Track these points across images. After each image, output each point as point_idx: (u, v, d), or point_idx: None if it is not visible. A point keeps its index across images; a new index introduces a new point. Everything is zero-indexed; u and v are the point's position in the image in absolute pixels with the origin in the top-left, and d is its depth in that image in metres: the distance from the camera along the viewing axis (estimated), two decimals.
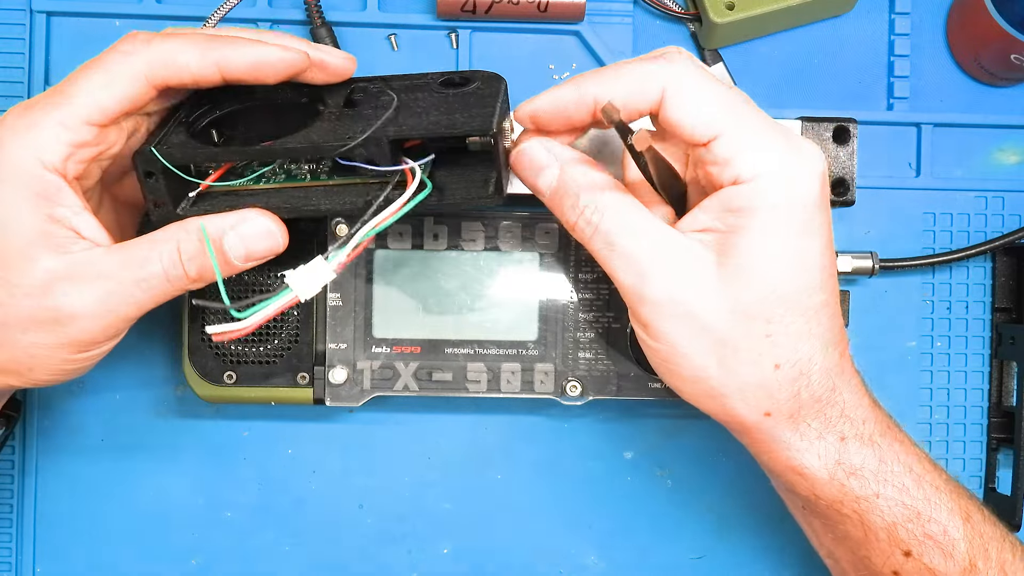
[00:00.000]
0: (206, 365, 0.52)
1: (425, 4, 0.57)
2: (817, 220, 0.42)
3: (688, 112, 0.42)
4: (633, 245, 0.42)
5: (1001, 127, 0.58)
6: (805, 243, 0.42)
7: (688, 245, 0.42)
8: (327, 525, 0.57)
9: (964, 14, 0.57)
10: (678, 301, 0.42)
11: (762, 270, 0.42)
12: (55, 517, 0.57)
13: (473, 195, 0.45)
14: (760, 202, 0.41)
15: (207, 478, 0.57)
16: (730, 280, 0.42)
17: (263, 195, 0.45)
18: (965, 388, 0.58)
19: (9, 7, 0.55)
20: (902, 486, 0.45)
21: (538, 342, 0.53)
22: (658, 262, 0.42)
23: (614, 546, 0.58)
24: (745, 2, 0.55)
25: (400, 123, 0.43)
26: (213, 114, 0.46)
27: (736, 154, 0.41)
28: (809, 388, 0.44)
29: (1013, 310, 0.58)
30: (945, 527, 0.45)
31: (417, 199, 0.43)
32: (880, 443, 0.45)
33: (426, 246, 0.53)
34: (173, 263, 0.43)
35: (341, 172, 0.46)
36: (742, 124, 0.42)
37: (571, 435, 0.58)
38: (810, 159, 0.42)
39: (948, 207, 0.58)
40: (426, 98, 0.45)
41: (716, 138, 0.42)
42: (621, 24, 0.57)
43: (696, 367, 0.43)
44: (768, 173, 0.41)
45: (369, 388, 0.53)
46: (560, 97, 0.43)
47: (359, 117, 0.44)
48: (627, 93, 0.42)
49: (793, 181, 0.42)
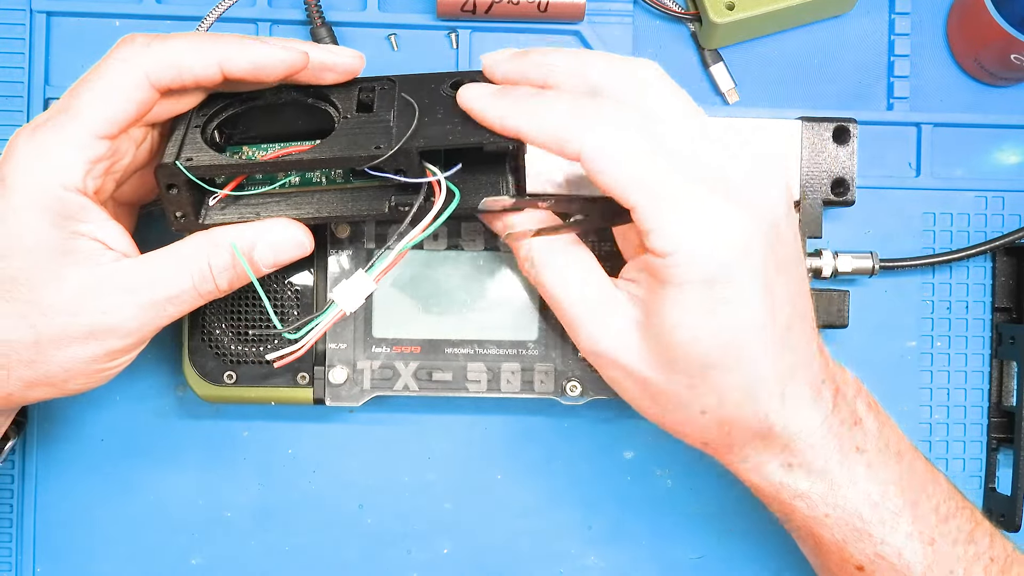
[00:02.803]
0: (206, 365, 0.52)
1: (425, 4, 0.57)
2: (733, 292, 0.41)
3: (602, 184, 0.41)
4: (563, 295, 0.45)
5: (1001, 127, 0.58)
6: (718, 319, 0.42)
7: (615, 301, 0.44)
8: (327, 525, 0.57)
9: (964, 14, 0.57)
10: (601, 352, 0.45)
11: (677, 339, 0.42)
12: (55, 518, 0.56)
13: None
14: (671, 278, 0.41)
15: (207, 478, 0.57)
16: (651, 338, 0.43)
17: (283, 201, 0.46)
18: (965, 388, 0.58)
19: (9, 7, 0.55)
20: (854, 511, 0.46)
21: (538, 342, 0.53)
22: (584, 315, 0.45)
23: (614, 546, 0.58)
24: (745, 2, 0.55)
25: (426, 133, 0.43)
26: (221, 117, 0.46)
27: (652, 228, 0.41)
28: (741, 431, 0.45)
29: (1013, 310, 0.58)
30: (900, 550, 0.46)
31: (449, 210, 0.44)
32: (834, 471, 0.45)
33: (426, 246, 0.53)
34: (204, 278, 0.44)
35: (357, 175, 0.46)
36: (660, 197, 0.40)
37: (571, 435, 0.58)
38: (731, 231, 0.41)
39: (948, 207, 0.58)
40: (442, 103, 0.46)
41: (633, 209, 0.41)
42: (621, 24, 0.57)
43: (634, 402, 0.47)
44: (680, 251, 0.40)
45: (369, 388, 0.53)
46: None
47: (379, 123, 0.45)
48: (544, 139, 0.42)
49: (707, 259, 0.40)
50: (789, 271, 0.43)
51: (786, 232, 0.43)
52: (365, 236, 0.52)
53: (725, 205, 0.41)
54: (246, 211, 0.45)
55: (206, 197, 0.45)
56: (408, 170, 0.43)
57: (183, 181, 0.43)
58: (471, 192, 0.45)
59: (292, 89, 0.47)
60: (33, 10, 0.55)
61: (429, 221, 0.44)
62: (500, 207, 0.45)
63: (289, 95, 0.47)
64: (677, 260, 0.40)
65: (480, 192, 0.45)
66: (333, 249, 0.52)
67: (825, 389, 0.45)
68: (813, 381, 0.45)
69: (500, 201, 0.45)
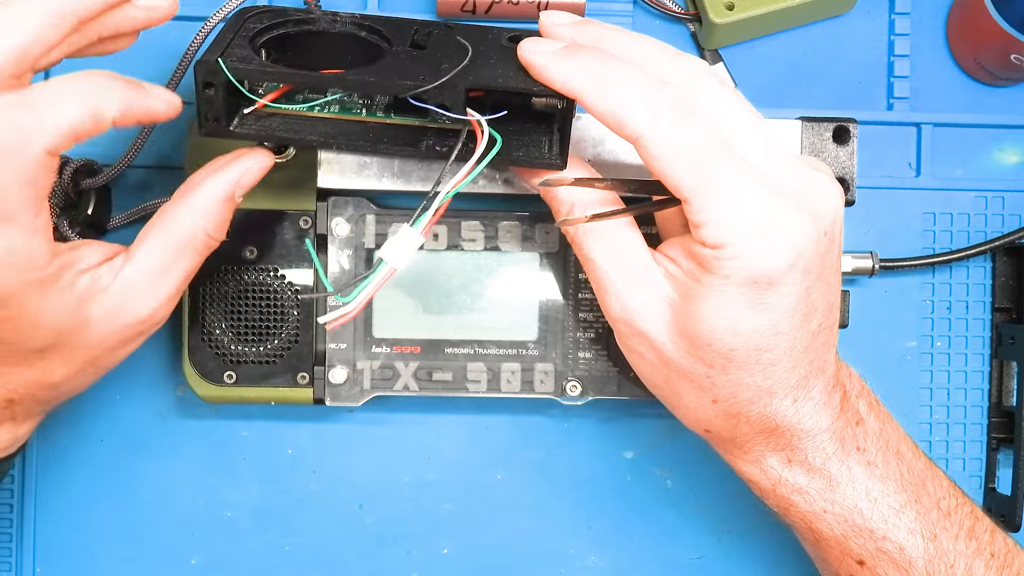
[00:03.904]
0: (206, 365, 0.52)
1: (425, 4, 0.57)
2: (776, 296, 0.41)
3: (658, 170, 0.41)
4: (603, 261, 0.44)
5: (1001, 127, 0.58)
6: (754, 318, 0.42)
7: (653, 274, 0.44)
8: (327, 525, 0.57)
9: (964, 14, 0.57)
10: (629, 320, 0.44)
11: (707, 328, 0.42)
12: (55, 518, 0.56)
13: (535, 156, 0.45)
14: (715, 270, 0.41)
15: (207, 478, 0.57)
16: (681, 320, 0.43)
17: (320, 124, 0.45)
18: (965, 388, 0.58)
19: None
20: (853, 506, 0.46)
21: (538, 342, 0.53)
22: (618, 282, 0.44)
23: (614, 546, 0.58)
24: (745, 2, 0.55)
25: (477, 72, 0.43)
26: (271, 33, 0.45)
27: (703, 220, 0.41)
28: (749, 424, 0.45)
29: (1013, 310, 0.58)
30: (902, 545, 0.46)
31: (490, 156, 0.42)
32: (834, 469, 0.46)
33: (426, 246, 0.53)
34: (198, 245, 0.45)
35: (398, 111, 0.45)
36: (716, 190, 0.40)
37: (571, 435, 0.58)
38: (789, 234, 0.41)
39: (948, 207, 0.58)
40: (497, 51, 0.45)
41: (686, 200, 0.41)
42: (621, 24, 0.57)
43: (646, 378, 0.46)
44: (733, 246, 0.40)
45: (369, 388, 0.53)
46: None
47: (431, 59, 0.44)
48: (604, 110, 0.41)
49: (759, 260, 0.40)
50: (829, 279, 0.43)
51: (836, 240, 0.43)
52: (365, 236, 0.52)
53: (784, 207, 0.41)
54: (279, 128, 0.44)
55: (241, 105, 0.44)
56: (452, 107, 0.42)
57: (223, 82, 0.42)
58: (513, 145, 0.45)
59: (348, 19, 0.46)
60: None
61: (472, 166, 0.42)
62: (561, 184, 0.44)
63: (344, 25, 0.46)
64: (728, 253, 0.40)
65: (521, 148, 0.45)
66: (333, 248, 0.52)
67: (835, 392, 0.46)
68: (827, 385, 0.45)
69: (562, 179, 0.44)
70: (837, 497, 0.46)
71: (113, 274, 0.44)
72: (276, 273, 0.52)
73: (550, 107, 0.45)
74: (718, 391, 0.44)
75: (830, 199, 0.43)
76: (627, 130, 0.41)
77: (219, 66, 0.41)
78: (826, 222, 0.42)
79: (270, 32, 0.45)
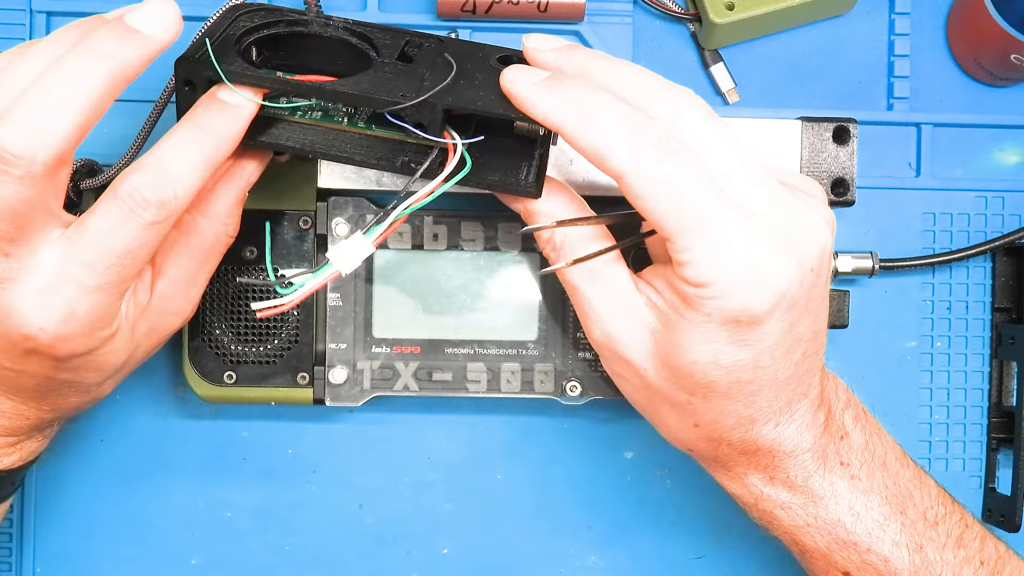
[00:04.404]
0: (206, 365, 0.52)
1: (425, 4, 0.57)
2: (758, 334, 0.41)
3: (640, 207, 0.40)
4: (586, 289, 0.44)
5: (1001, 127, 0.58)
6: (736, 353, 0.41)
7: (635, 303, 0.44)
8: (327, 525, 0.57)
9: (964, 14, 0.57)
10: (611, 347, 0.45)
11: (688, 360, 0.42)
12: (55, 518, 0.56)
13: (511, 182, 0.44)
14: (697, 307, 0.41)
15: (207, 478, 0.57)
16: (662, 348, 0.43)
17: (298, 129, 0.45)
18: (965, 388, 0.58)
19: (9, 7, 0.55)
20: (837, 521, 0.46)
21: (538, 342, 0.53)
22: (600, 309, 0.44)
23: (614, 546, 0.58)
24: (745, 2, 0.55)
25: (457, 93, 0.42)
26: (260, 33, 0.45)
27: (685, 260, 0.40)
28: (730, 447, 0.46)
29: (1013, 310, 0.58)
30: (887, 558, 0.46)
31: (456, 178, 0.42)
32: (816, 485, 0.46)
33: (426, 246, 0.53)
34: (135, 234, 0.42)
35: (379, 123, 0.45)
36: (699, 230, 0.39)
37: (571, 435, 0.58)
38: (772, 276, 0.40)
39: (948, 207, 0.58)
40: (483, 71, 0.44)
41: (668, 238, 0.40)
42: (621, 24, 0.57)
43: (630, 398, 0.48)
44: (711, 286, 0.40)
45: (369, 388, 0.53)
46: None
47: (414, 75, 0.43)
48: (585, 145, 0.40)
49: (741, 301, 0.40)
50: (816, 309, 0.43)
51: (823, 273, 0.43)
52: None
53: (768, 248, 0.40)
54: (257, 131, 0.44)
55: None
56: (429, 126, 0.42)
57: (203, 80, 0.42)
58: (490, 168, 0.44)
59: (340, 24, 0.46)
60: (33, 10, 0.55)
61: (435, 186, 0.42)
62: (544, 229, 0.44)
63: (336, 30, 0.46)
64: (710, 293, 0.40)
65: (498, 171, 0.44)
66: (332, 246, 0.52)
67: (820, 412, 0.46)
68: (810, 407, 0.45)
69: (543, 226, 0.44)
70: (820, 512, 0.46)
71: (148, 291, 0.45)
72: (276, 273, 0.52)
73: (532, 132, 0.45)
74: (699, 416, 0.44)
75: (817, 234, 0.42)
76: (608, 166, 0.40)
77: (198, 65, 0.41)
78: (812, 258, 0.41)
79: (259, 32, 0.45)
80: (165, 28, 0.40)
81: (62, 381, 0.43)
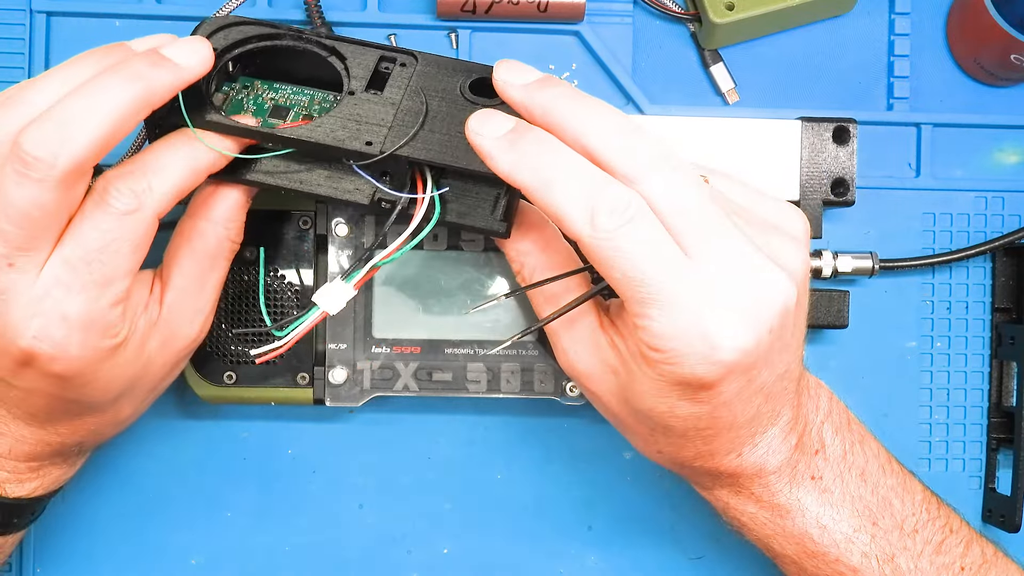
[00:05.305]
0: (206, 365, 0.52)
1: (425, 4, 0.57)
2: (712, 394, 0.41)
3: (602, 270, 0.40)
4: (554, 324, 0.46)
5: (1001, 127, 0.58)
6: (691, 407, 0.41)
7: (600, 343, 0.45)
8: (327, 525, 0.57)
9: (964, 14, 0.57)
10: (575, 377, 0.46)
11: (646, 406, 0.43)
12: (55, 517, 0.56)
13: (480, 223, 0.44)
14: (652, 366, 0.40)
15: (207, 478, 0.57)
16: (623, 388, 0.44)
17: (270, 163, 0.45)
18: (965, 388, 0.58)
19: (9, 7, 0.55)
20: (804, 533, 0.46)
21: (538, 342, 0.53)
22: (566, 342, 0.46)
23: (614, 546, 0.58)
24: (745, 2, 0.55)
25: (425, 141, 0.43)
26: (234, 53, 0.46)
27: (640, 324, 0.40)
28: (694, 471, 0.47)
29: (1013, 310, 0.58)
30: (856, 568, 0.46)
31: (427, 228, 0.43)
32: (783, 500, 0.46)
33: (426, 246, 0.53)
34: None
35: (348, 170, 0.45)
36: (649, 302, 0.39)
37: (571, 435, 0.58)
38: (726, 348, 0.39)
39: (948, 207, 0.58)
40: (454, 104, 0.44)
41: (626, 301, 0.40)
42: (621, 24, 0.57)
43: (603, 414, 0.48)
44: (665, 352, 0.39)
45: (369, 388, 0.53)
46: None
47: (382, 110, 0.44)
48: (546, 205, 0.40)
49: (696, 368, 0.39)
50: (777, 360, 0.42)
51: (787, 326, 0.41)
52: (365, 236, 0.52)
53: (723, 317, 0.39)
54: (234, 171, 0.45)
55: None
56: (394, 175, 0.43)
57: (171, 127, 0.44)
58: (461, 204, 0.44)
59: (313, 39, 0.46)
60: (33, 10, 0.55)
61: (404, 240, 0.44)
62: (488, 304, 0.48)
63: (309, 45, 0.46)
64: (664, 358, 0.40)
65: (469, 207, 0.44)
66: (333, 248, 0.52)
67: (791, 435, 0.46)
68: (779, 433, 0.45)
69: (487, 302, 0.48)
70: (787, 525, 0.46)
71: (158, 304, 0.45)
72: (276, 273, 0.52)
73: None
74: (661, 446, 0.45)
75: (777, 291, 0.40)
76: (566, 231, 0.40)
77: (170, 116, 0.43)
78: (771, 319, 0.40)
79: (232, 52, 0.46)
80: (197, 60, 0.42)
81: (70, 400, 0.43)
